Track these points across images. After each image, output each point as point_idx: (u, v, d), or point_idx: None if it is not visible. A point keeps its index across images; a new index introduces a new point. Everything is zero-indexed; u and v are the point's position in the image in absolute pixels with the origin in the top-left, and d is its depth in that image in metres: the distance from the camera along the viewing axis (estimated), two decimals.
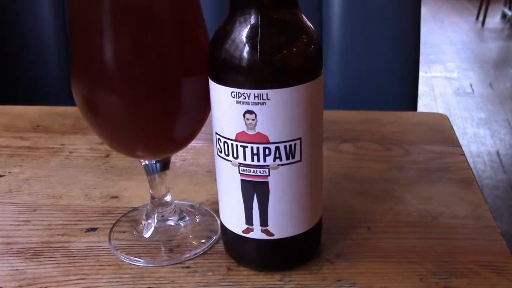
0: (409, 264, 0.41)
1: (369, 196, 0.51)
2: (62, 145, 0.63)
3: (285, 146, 0.36)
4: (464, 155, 0.57)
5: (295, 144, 0.37)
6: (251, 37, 0.35)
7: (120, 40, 0.36)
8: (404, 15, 0.92)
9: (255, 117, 0.35)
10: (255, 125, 0.36)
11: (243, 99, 0.35)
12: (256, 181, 0.37)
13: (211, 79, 0.37)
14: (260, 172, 0.37)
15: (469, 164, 0.56)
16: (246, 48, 0.35)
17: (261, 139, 0.36)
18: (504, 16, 4.47)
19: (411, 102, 0.97)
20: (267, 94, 0.35)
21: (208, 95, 0.38)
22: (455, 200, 0.49)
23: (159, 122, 0.39)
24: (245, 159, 0.37)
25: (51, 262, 0.43)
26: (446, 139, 0.61)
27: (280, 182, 0.37)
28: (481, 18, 4.39)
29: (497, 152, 2.32)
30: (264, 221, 0.39)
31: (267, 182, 0.37)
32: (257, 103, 0.35)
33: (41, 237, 0.46)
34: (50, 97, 0.92)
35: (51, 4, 0.90)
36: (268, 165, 0.37)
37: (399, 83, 0.95)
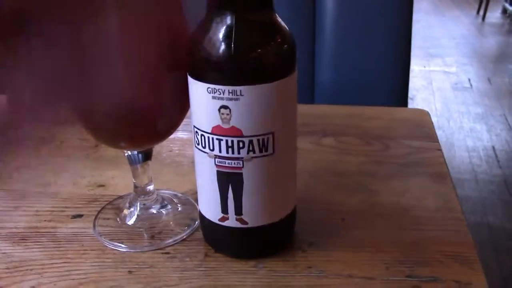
0: (377, 254, 0.43)
1: (345, 188, 0.53)
2: (54, 135, 0.65)
3: (258, 140, 0.38)
4: (441, 150, 0.59)
5: (268, 138, 0.39)
6: (225, 37, 0.37)
7: (101, 34, 0.38)
8: (397, 11, 0.94)
9: (230, 112, 0.37)
10: (230, 119, 0.38)
11: (218, 94, 0.37)
12: (231, 172, 0.39)
13: (189, 75, 0.39)
14: (234, 164, 0.39)
15: (444, 159, 0.58)
16: (221, 47, 0.37)
17: (236, 132, 0.38)
18: (504, 11, 4.47)
19: (402, 98, 0.98)
20: (240, 90, 0.36)
21: (187, 90, 0.40)
22: (427, 193, 0.51)
23: (140, 116, 0.41)
24: (220, 152, 0.39)
25: (37, 246, 0.45)
26: (425, 134, 0.63)
27: (254, 173, 0.39)
28: (481, 12, 4.40)
29: (493, 147, 2.33)
30: (238, 210, 0.41)
31: (241, 174, 0.39)
32: (231, 99, 0.37)
33: (29, 222, 0.48)
34: None
35: None
36: (242, 157, 0.39)
37: (391, 79, 0.97)
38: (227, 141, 0.38)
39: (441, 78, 3.19)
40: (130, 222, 0.48)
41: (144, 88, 0.40)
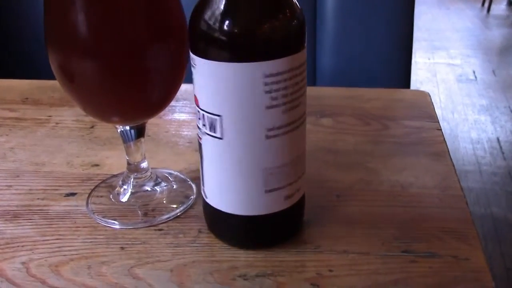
0: (373, 230, 0.43)
1: (342, 167, 0.52)
2: (49, 116, 0.65)
3: (208, 117, 0.36)
4: (441, 130, 0.58)
5: (215, 120, 0.36)
6: (197, 4, 0.36)
7: (90, 6, 0.38)
8: None
9: (193, 77, 0.37)
10: (194, 85, 0.37)
11: (190, 59, 0.37)
12: (198, 140, 0.39)
13: None
14: (199, 132, 0.38)
15: (444, 138, 0.57)
16: (192, 14, 0.36)
17: (196, 100, 0.37)
18: (510, 3, 4.44)
19: (404, 84, 0.97)
20: (194, 59, 0.36)
21: (180, 63, 0.39)
22: (426, 171, 0.51)
23: (129, 87, 0.40)
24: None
25: (29, 223, 0.45)
26: (425, 114, 0.62)
27: (207, 150, 0.38)
28: (486, 4, 4.37)
29: (497, 139, 2.32)
30: (202, 181, 0.40)
31: (201, 145, 0.39)
32: (191, 65, 0.37)
33: (22, 200, 0.48)
34: (42, 73, 0.93)
35: None
36: (200, 128, 0.38)
37: (392, 65, 0.96)
38: (195, 106, 0.38)
39: (445, 70, 3.17)
40: (124, 199, 0.47)
41: (131, 59, 0.39)
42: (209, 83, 0.35)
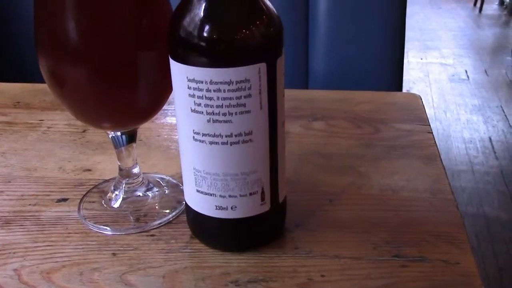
0: (364, 234, 0.43)
1: (334, 170, 0.52)
2: (41, 120, 0.64)
3: None
4: (432, 133, 0.59)
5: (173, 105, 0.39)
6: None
7: (81, 11, 0.38)
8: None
9: None
10: None
11: None
12: None
13: None
14: None
15: (435, 141, 0.57)
16: None
17: None
18: (501, 2, 4.46)
19: (396, 87, 0.98)
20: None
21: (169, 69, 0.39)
22: (417, 174, 0.51)
23: (120, 93, 0.40)
24: None
25: (21, 229, 0.45)
26: (416, 117, 0.62)
27: None
28: (478, 4, 4.39)
29: (490, 139, 2.33)
30: None
31: None
32: None
33: (13, 206, 0.48)
34: (35, 76, 0.93)
35: None
36: None
37: (385, 66, 0.96)
38: None
39: (438, 70, 3.18)
40: (116, 205, 0.47)
41: (121, 65, 0.39)
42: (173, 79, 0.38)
